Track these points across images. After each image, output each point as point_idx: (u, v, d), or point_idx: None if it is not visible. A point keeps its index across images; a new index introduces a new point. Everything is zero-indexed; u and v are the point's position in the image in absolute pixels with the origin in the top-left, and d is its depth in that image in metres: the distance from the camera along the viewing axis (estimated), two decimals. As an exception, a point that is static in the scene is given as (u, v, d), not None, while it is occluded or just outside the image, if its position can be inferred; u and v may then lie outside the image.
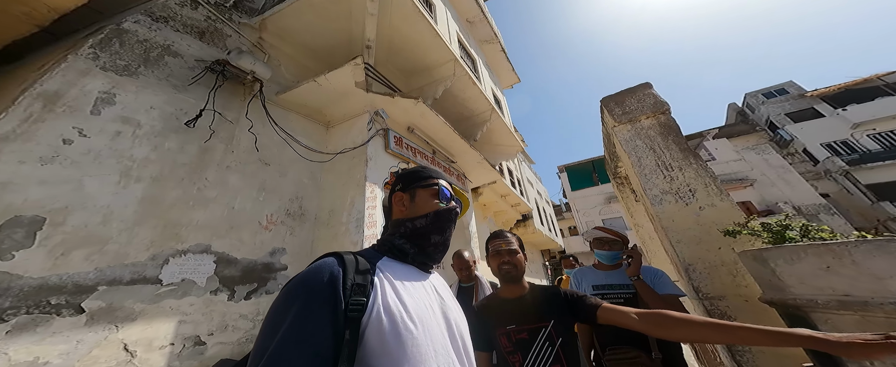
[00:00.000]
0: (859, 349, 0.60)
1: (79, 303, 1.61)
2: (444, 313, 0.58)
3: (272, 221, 2.73)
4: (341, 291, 0.47)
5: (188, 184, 2.24)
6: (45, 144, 1.72)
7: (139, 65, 2.30)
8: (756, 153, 11.68)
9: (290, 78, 3.65)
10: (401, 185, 0.71)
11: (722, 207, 1.72)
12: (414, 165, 0.70)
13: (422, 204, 0.66)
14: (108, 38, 2.20)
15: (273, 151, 2.99)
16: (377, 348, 0.45)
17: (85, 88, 1.96)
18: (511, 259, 1.11)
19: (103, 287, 1.71)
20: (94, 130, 1.92)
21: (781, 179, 10.85)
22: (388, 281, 0.53)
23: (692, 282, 1.62)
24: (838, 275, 0.96)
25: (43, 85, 1.81)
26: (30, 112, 1.73)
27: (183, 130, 2.34)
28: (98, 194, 1.82)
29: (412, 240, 0.63)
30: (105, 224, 1.80)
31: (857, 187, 11.65)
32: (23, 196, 1.58)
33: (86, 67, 2.02)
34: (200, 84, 2.62)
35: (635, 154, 2.15)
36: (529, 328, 1.01)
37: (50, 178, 1.69)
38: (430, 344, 0.49)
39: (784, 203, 10.12)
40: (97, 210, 1.80)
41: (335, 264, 0.50)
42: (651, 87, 2.37)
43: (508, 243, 1.13)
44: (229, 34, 3.22)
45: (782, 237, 1.20)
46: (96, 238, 1.75)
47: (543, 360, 0.96)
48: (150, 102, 2.24)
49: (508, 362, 1.01)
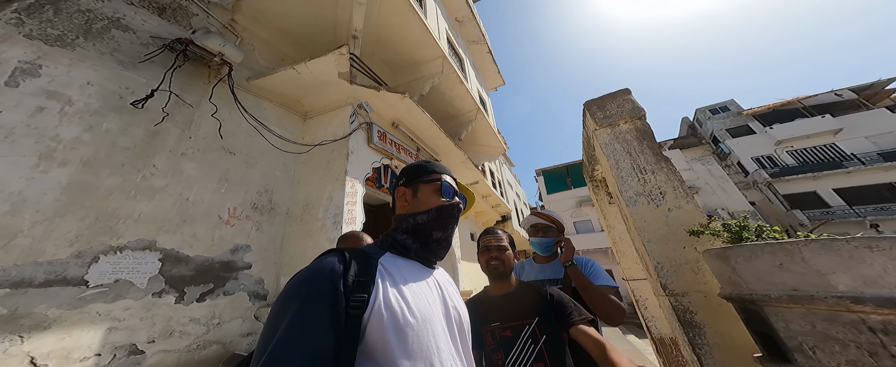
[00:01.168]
0: None
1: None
2: (447, 308, 0.56)
3: (235, 215, 2.41)
4: (342, 288, 0.46)
5: (130, 171, 1.90)
6: (-67, 115, 1.36)
7: (77, 36, 1.93)
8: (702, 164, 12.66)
9: (265, 64, 3.32)
10: (404, 179, 0.68)
11: (687, 208, 1.79)
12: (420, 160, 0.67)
13: (424, 200, 0.64)
14: (40, 4, 1.83)
15: (240, 140, 2.67)
16: (379, 344, 0.44)
17: (1, 55, 1.59)
18: (499, 255, 1.09)
19: (5, 290, 1.36)
20: (8, 103, 1.56)
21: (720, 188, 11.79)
22: (390, 277, 0.52)
23: (660, 279, 1.66)
24: (789, 272, 1.01)
25: (-62, 46, 1.44)
26: (-85, 76, 1.36)
27: (127, 110, 1.99)
28: (7, 178, 1.47)
29: (414, 235, 0.62)
30: (14, 214, 1.45)
31: (777, 196, 13.14)
32: None
33: (5, 32, 1.65)
34: (155, 63, 2.26)
35: (614, 157, 2.19)
36: (513, 326, 0.98)
37: (-63, 157, 1.33)
38: (431, 340, 0.48)
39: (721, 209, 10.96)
40: (4, 198, 1.44)
41: (336, 262, 0.49)
42: (630, 93, 2.42)
43: (498, 240, 1.11)
44: (196, 13, 2.85)
45: (740, 237, 1.26)
46: (5, 229, 1.40)
47: (526, 358, 0.93)
48: (87, 77, 1.88)
49: (492, 360, 0.99)
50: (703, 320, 1.46)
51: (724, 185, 11.80)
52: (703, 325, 1.46)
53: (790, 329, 1.01)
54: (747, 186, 13.86)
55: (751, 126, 16.03)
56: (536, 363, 0.92)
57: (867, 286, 0.88)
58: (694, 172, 12.36)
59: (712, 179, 12.07)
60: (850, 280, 0.91)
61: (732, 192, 11.62)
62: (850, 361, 0.88)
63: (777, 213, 12.59)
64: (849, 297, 0.89)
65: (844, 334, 0.90)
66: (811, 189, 12.78)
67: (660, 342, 2.58)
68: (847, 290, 0.91)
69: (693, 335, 1.47)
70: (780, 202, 12.65)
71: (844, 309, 0.89)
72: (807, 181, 12.89)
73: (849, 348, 0.89)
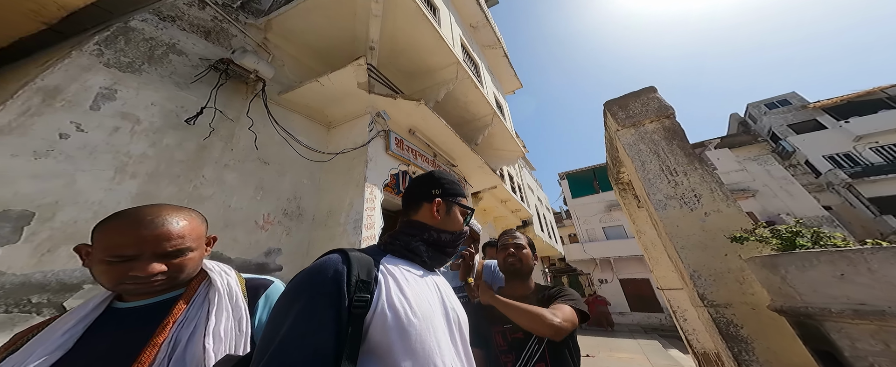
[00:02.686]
0: None
1: (61, 302, 1.55)
2: (446, 309, 0.58)
3: (269, 220, 2.68)
4: (345, 287, 0.46)
5: (184, 181, 2.20)
6: (39, 138, 1.69)
7: (143, 62, 2.29)
8: (758, 164, 11.57)
9: (293, 78, 3.64)
10: (440, 191, 0.69)
11: (728, 213, 1.68)
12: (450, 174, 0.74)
13: (454, 220, 0.68)
14: (115, 36, 2.19)
15: (272, 151, 2.96)
16: (381, 343, 0.45)
17: (86, 83, 1.94)
18: (517, 253, 1.11)
19: (89, 285, 1.65)
20: (91, 125, 1.89)
21: (783, 191, 10.71)
22: (393, 278, 0.53)
23: (697, 289, 1.58)
24: (853, 283, 0.92)
25: (44, 80, 1.78)
26: (28, 106, 1.70)
27: (182, 126, 2.31)
28: (91, 189, 1.78)
29: (432, 248, 0.64)
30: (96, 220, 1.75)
31: (860, 199, 11.49)
32: (13, 190, 1.54)
33: (89, 62, 2.00)
34: (203, 82, 2.60)
35: (639, 158, 2.12)
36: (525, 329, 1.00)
37: (42, 172, 1.65)
38: (433, 340, 0.49)
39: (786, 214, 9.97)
40: (88, 206, 1.75)
41: (339, 261, 0.50)
42: (656, 90, 2.34)
43: (516, 239, 1.15)
44: (235, 34, 3.22)
45: (792, 244, 1.16)
46: (85, 235, 1.70)
47: (533, 360, 0.97)
48: (151, 98, 2.22)
49: (500, 361, 1.00)
50: (750, 334, 1.36)
51: (789, 187, 10.57)
52: (750, 340, 1.37)
53: (857, 349, 0.91)
54: (819, 188, 12.38)
55: (820, 121, 14.34)
56: (538, 363, 0.96)
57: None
58: (748, 172, 11.20)
59: (772, 180, 10.80)
60: (931, 294, 0.77)
61: (800, 195, 10.32)
62: None
63: (862, 218, 11.10)
64: (932, 313, 0.76)
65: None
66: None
67: (703, 357, 2.43)
68: (928, 305, 0.78)
69: (738, 350, 1.37)
70: (864, 207, 11.15)
71: None
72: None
73: None
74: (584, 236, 15.47)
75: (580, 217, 15.94)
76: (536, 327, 0.91)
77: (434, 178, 0.71)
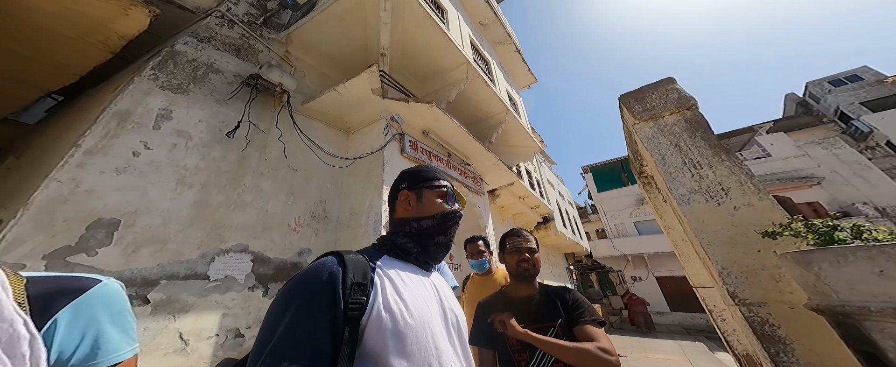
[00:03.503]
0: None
1: (145, 295, 1.93)
2: (444, 310, 0.60)
3: (300, 223, 3.02)
4: (341, 290, 0.48)
5: (229, 190, 2.56)
6: (119, 156, 2.08)
7: (189, 83, 2.67)
8: (823, 148, 10.34)
9: (314, 88, 3.98)
10: (406, 183, 0.72)
11: (760, 206, 1.63)
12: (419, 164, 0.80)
13: (429, 205, 0.68)
14: (165, 60, 2.59)
15: (299, 158, 3.30)
16: (377, 346, 0.46)
17: (148, 106, 2.33)
18: (531, 257, 1.12)
19: (164, 281, 2.02)
20: (155, 143, 2.28)
21: (858, 177, 9.49)
22: (389, 280, 0.54)
23: (727, 286, 1.55)
24: (894, 280, 0.88)
25: (116, 105, 2.18)
26: (107, 129, 2.09)
27: (224, 140, 2.68)
28: (159, 199, 2.16)
29: (416, 240, 0.65)
30: (165, 226, 2.13)
31: None
32: (103, 202, 1.93)
33: (148, 87, 2.39)
34: (238, 98, 2.97)
35: (658, 152, 2.11)
36: (538, 328, 1.02)
37: (123, 186, 2.03)
38: (430, 341, 0.51)
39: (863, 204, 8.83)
40: (159, 213, 2.13)
41: (335, 264, 0.51)
42: (675, 81, 2.32)
43: (528, 242, 1.14)
44: (261, 49, 3.59)
45: (830, 239, 1.12)
46: (159, 238, 2.08)
47: (548, 360, 0.97)
48: (198, 116, 2.60)
49: (514, 360, 1.03)
50: (789, 334, 1.32)
51: (864, 172, 9.43)
52: (789, 341, 1.32)
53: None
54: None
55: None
56: (556, 364, 0.97)
57: None
58: (811, 158, 10.22)
59: (843, 165, 9.74)
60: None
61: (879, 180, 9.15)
62: None
63: None
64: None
65: None
66: None
67: (745, 359, 2.36)
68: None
69: (776, 351, 1.34)
70: None
71: None
72: None
73: None
74: (613, 232, 15.11)
75: (607, 212, 15.55)
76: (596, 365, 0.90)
77: (401, 174, 0.75)
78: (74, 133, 2.13)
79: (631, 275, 14.44)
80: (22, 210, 1.67)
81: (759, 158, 11.12)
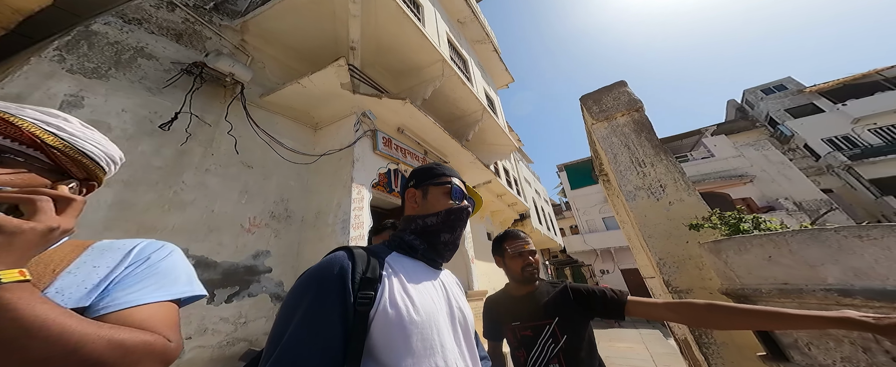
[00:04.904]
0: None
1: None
2: (451, 308, 0.58)
3: (255, 223, 2.66)
4: (350, 284, 0.48)
5: (163, 187, 2.17)
6: (7, 149, 1.65)
7: (109, 67, 2.24)
8: (755, 149, 11.57)
9: (276, 80, 3.60)
10: (414, 181, 0.71)
11: (689, 201, 1.76)
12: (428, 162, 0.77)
13: (434, 202, 0.66)
14: (76, 40, 2.14)
15: (256, 154, 2.93)
16: (384, 340, 0.46)
17: (50, 90, 1.90)
18: (534, 261, 1.13)
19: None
20: (61, 134, 1.86)
21: (781, 175, 10.74)
22: (396, 276, 0.54)
23: (663, 275, 1.64)
24: (778, 265, 1.00)
25: (3, 88, 1.74)
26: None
27: (158, 133, 2.28)
28: (64, 199, 1.75)
29: (422, 236, 0.64)
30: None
31: (861, 181, 11.56)
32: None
33: (50, 69, 1.95)
34: (177, 87, 2.56)
35: (611, 151, 2.18)
36: (533, 325, 1.02)
37: (11, 184, 1.62)
38: (436, 338, 0.50)
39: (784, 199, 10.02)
40: (63, 217, 1.72)
41: (345, 259, 0.51)
42: (626, 85, 2.40)
43: (528, 244, 1.15)
44: (209, 36, 3.17)
45: (737, 229, 1.24)
46: (61, 246, 1.68)
47: (545, 358, 0.97)
48: (122, 104, 2.18)
49: (515, 357, 1.05)
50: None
51: (787, 171, 10.65)
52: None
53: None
54: (819, 171, 12.55)
55: (817, 104, 14.63)
56: (551, 363, 0.95)
57: (857, 278, 0.85)
58: (746, 158, 11.32)
59: (770, 165, 10.89)
60: (839, 272, 0.88)
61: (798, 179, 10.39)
62: (845, 358, 0.86)
63: (864, 201, 11.25)
64: (837, 290, 0.87)
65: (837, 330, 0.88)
66: (906, 171, 10.71)
67: (683, 343, 2.46)
68: (836, 283, 0.88)
69: (699, 334, 1.47)
70: (865, 188, 11.27)
71: (834, 303, 0.87)
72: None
73: (843, 344, 0.87)
74: (585, 228, 15.58)
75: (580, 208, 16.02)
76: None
77: (412, 172, 0.74)
78: (-55, 120, 1.67)
79: (599, 268, 14.97)
80: None
81: (706, 158, 12.11)
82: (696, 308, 0.81)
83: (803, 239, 0.96)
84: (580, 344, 0.98)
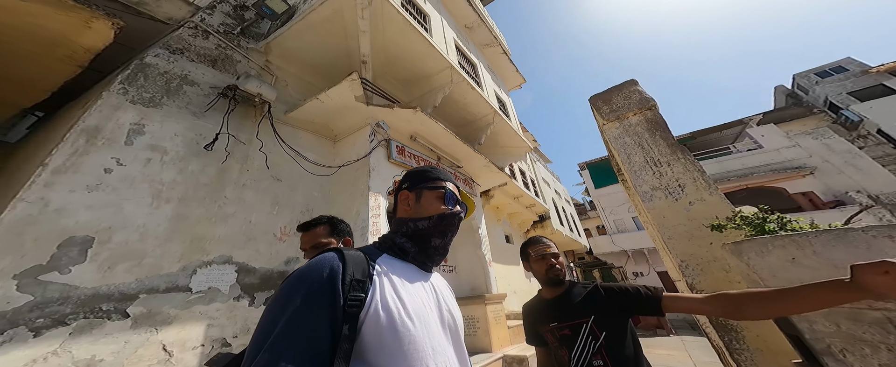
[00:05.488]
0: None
1: (125, 309, 1.91)
2: (441, 311, 0.60)
3: (285, 232, 3.00)
4: (340, 286, 0.48)
5: (210, 202, 2.55)
6: (89, 173, 2.06)
7: (162, 96, 2.66)
8: (813, 138, 10.50)
9: (298, 97, 3.99)
10: (408, 183, 0.72)
11: (711, 201, 1.73)
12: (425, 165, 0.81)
13: (427, 206, 0.68)
14: (134, 73, 2.57)
15: (284, 168, 3.30)
16: (374, 343, 0.47)
17: (119, 121, 2.32)
18: (557, 263, 1.18)
19: (144, 295, 2.00)
20: (128, 158, 2.26)
21: (850, 166, 9.64)
22: (387, 278, 0.55)
23: (686, 278, 1.64)
24: (802, 266, 0.97)
25: (85, 121, 2.16)
26: (76, 147, 2.07)
27: (203, 153, 2.67)
28: (135, 214, 2.14)
29: (413, 240, 0.65)
30: (142, 241, 2.11)
31: None
32: (75, 219, 1.91)
33: (118, 101, 2.38)
34: (216, 109, 2.97)
35: (624, 151, 2.21)
36: (570, 325, 1.09)
37: (95, 203, 2.01)
38: (427, 341, 0.51)
39: (856, 192, 8.97)
40: (135, 229, 2.11)
41: (335, 260, 0.52)
42: (637, 83, 2.43)
43: (550, 247, 1.21)
44: (239, 59, 3.59)
45: (762, 230, 1.22)
46: (135, 253, 2.06)
47: (587, 354, 1.03)
48: (174, 129, 2.59)
49: (559, 355, 1.12)
50: (739, 323, 1.42)
51: (856, 161, 9.63)
52: (740, 328, 1.41)
53: (815, 331, 0.96)
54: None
55: (888, 85, 13.03)
56: (595, 357, 1.01)
57: (889, 281, 0.80)
58: (802, 149, 10.40)
59: (834, 155, 9.93)
60: (870, 275, 0.83)
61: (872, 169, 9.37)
62: (884, 365, 0.82)
63: None
64: (868, 292, 0.82)
65: (872, 334, 0.85)
66: None
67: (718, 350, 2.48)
68: (867, 285, 0.83)
69: (729, 339, 1.41)
70: None
71: (866, 307, 0.83)
72: None
73: (880, 350, 0.83)
74: (613, 228, 15.17)
75: (606, 208, 15.61)
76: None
77: (405, 174, 0.77)
78: (43, 151, 2.11)
79: (632, 271, 14.49)
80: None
81: (752, 149, 11.28)
82: (733, 299, 0.81)
83: (828, 240, 0.94)
84: (622, 341, 1.03)
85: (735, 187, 10.26)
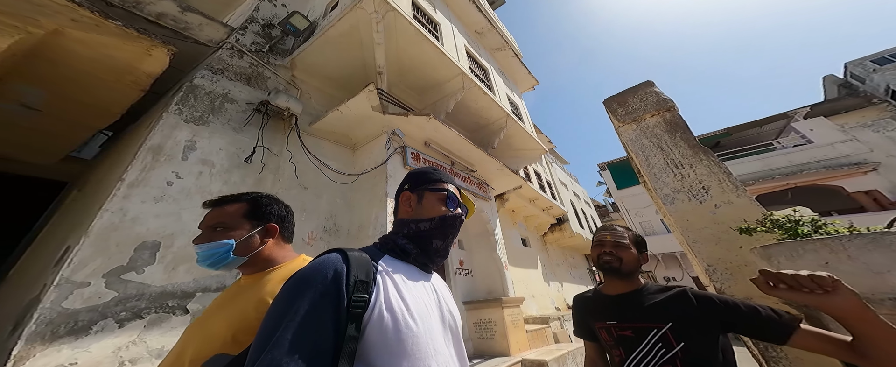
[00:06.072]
0: None
1: (185, 305, 2.29)
2: (442, 312, 0.63)
3: (313, 237, 3.36)
4: (344, 287, 0.50)
5: (249, 210, 2.93)
6: (155, 186, 2.48)
7: (209, 113, 3.10)
8: (874, 131, 9.69)
9: (320, 108, 4.40)
10: (410, 184, 0.75)
11: (739, 203, 1.69)
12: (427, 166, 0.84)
13: (429, 207, 0.70)
14: (186, 95, 3.02)
15: (310, 177, 3.68)
16: (378, 344, 0.48)
17: (176, 139, 2.75)
18: (612, 250, 1.09)
19: (199, 293, 2.39)
20: (184, 172, 2.68)
21: None
22: (390, 279, 0.57)
23: (714, 283, 1.61)
24: (837, 272, 0.92)
25: (150, 141, 2.60)
26: (145, 163, 2.50)
27: (243, 165, 3.08)
28: (191, 222, 2.54)
29: (415, 241, 0.67)
30: (196, 245, 2.51)
31: None
32: (146, 227, 2.32)
33: (175, 121, 2.82)
34: (251, 124, 3.39)
35: (642, 154, 2.24)
36: (635, 327, 1.01)
37: (161, 212, 2.43)
38: (429, 342, 0.53)
39: None
40: (191, 235, 2.49)
41: (339, 261, 0.54)
42: (653, 85, 2.48)
43: (614, 236, 1.11)
44: (269, 76, 4.03)
45: (795, 233, 1.18)
46: (192, 256, 2.44)
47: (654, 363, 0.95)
48: (219, 144, 3.01)
49: (612, 354, 1.08)
50: None
51: None
52: None
53: None
54: None
55: None
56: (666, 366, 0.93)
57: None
58: (861, 143, 9.58)
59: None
60: (912, 279, 0.75)
61: None
62: None
63: None
64: (911, 298, 0.74)
65: None
66: None
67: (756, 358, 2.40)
68: (909, 290, 0.75)
69: (764, 347, 1.37)
70: None
71: None
72: None
73: None
74: (639, 231, 14.89)
75: (630, 209, 15.23)
76: None
77: (407, 175, 0.79)
78: (120, 168, 2.55)
79: (663, 276, 14.09)
80: (83, 238, 2.06)
81: (800, 145, 10.56)
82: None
83: (863, 244, 0.92)
84: (706, 357, 0.92)
85: (781, 186, 9.68)
